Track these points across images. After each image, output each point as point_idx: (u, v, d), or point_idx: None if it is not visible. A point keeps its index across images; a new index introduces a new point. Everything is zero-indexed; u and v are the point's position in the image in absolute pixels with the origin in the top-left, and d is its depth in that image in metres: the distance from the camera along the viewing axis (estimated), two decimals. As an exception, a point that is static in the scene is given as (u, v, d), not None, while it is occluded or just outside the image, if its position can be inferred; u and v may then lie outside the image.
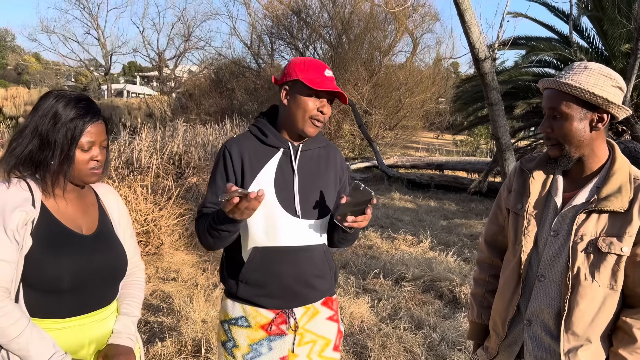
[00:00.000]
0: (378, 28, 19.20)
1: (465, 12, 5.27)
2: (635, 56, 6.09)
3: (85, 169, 1.55)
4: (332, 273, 1.94)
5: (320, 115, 1.79)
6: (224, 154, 1.84)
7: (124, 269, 1.69)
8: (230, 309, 1.88)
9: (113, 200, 1.75)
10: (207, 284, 4.74)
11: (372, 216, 1.83)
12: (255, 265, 1.80)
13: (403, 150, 18.04)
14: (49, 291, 1.50)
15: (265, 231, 1.78)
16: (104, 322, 1.63)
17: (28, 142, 1.51)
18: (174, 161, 8.08)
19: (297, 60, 1.81)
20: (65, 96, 1.54)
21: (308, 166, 1.86)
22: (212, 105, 23.18)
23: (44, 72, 42.73)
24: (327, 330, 1.93)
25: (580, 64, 1.57)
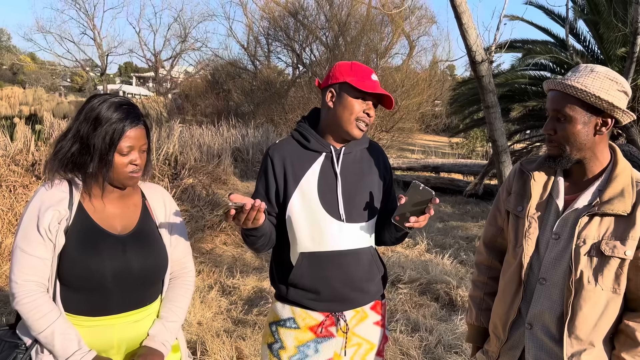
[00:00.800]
0: (375, 30, 19.22)
1: (462, 14, 5.27)
2: (631, 60, 6.10)
3: (123, 172, 1.59)
4: (380, 275, 1.93)
5: (366, 118, 1.81)
6: (266, 161, 1.86)
7: (162, 270, 1.70)
8: (280, 311, 1.89)
9: (160, 200, 1.77)
10: (202, 285, 4.72)
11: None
12: (303, 270, 1.81)
13: (399, 153, 18.05)
14: (80, 289, 1.55)
15: (312, 236, 1.79)
16: (138, 324, 1.64)
17: (70, 145, 1.57)
18: (169, 162, 8.05)
19: (344, 63, 1.83)
20: (107, 100, 1.58)
21: (351, 169, 1.86)
22: (209, 106, 23.14)
23: (39, 72, 42.61)
24: (373, 334, 1.93)
25: (587, 67, 1.56)
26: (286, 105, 18.60)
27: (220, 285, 4.75)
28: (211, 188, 7.86)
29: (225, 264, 5.39)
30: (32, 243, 1.51)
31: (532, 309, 1.61)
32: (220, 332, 3.70)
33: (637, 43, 5.89)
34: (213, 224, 6.38)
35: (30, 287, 1.50)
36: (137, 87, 49.14)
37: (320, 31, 20.93)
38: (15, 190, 5.56)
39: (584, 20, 8.57)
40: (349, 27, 19.21)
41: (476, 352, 1.87)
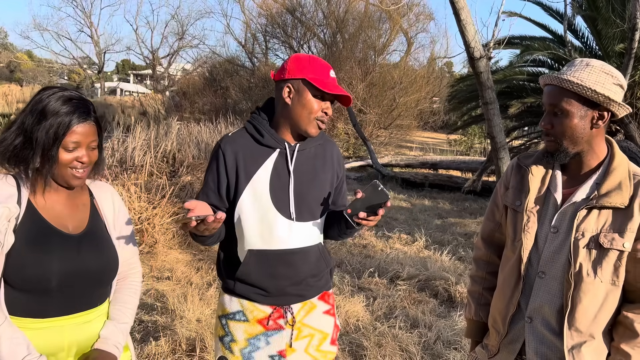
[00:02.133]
0: (373, 27, 19.22)
1: (460, 10, 5.27)
2: (629, 56, 6.11)
3: (67, 170, 1.50)
4: (328, 269, 1.93)
5: (325, 117, 1.78)
6: (218, 154, 1.80)
7: (112, 271, 1.63)
8: (228, 304, 1.87)
9: (108, 200, 1.69)
10: (201, 282, 4.72)
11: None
12: (251, 267, 1.79)
13: (397, 150, 18.06)
14: (29, 290, 1.45)
15: (261, 235, 1.77)
16: (88, 325, 1.57)
17: (14, 137, 1.47)
18: (167, 160, 8.04)
19: (301, 57, 1.77)
20: (56, 93, 1.48)
21: (305, 166, 1.82)
22: (206, 103, 23.13)
23: (36, 70, 42.46)
24: (324, 324, 1.92)
25: (582, 61, 1.56)
26: (284, 103, 18.57)
27: (219, 282, 4.74)
28: (209, 185, 7.84)
29: (224, 261, 5.38)
30: None
31: (531, 303, 1.61)
32: (219, 329, 3.70)
33: (635, 39, 5.90)
34: (211, 221, 6.37)
35: None
36: (134, 84, 49.04)
37: (318, 28, 20.91)
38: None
39: (582, 16, 8.57)
40: (346, 24, 19.20)
41: (475, 347, 1.88)
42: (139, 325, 3.80)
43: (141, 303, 4.20)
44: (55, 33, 37.19)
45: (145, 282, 4.71)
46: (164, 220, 5.68)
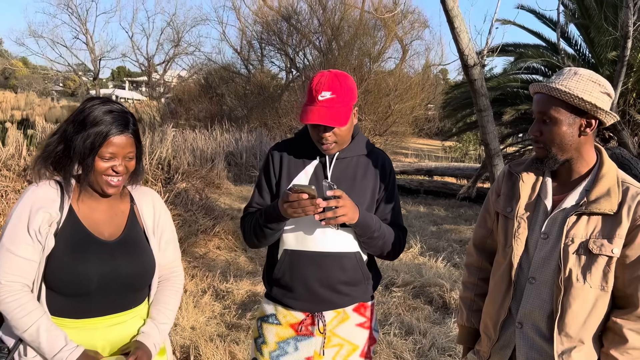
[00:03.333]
0: (368, 34, 19.27)
1: (454, 18, 5.30)
2: (622, 63, 6.16)
3: (102, 177, 1.57)
4: (367, 281, 1.94)
5: (324, 140, 1.81)
6: (268, 156, 1.94)
7: (148, 275, 1.70)
8: (265, 307, 1.96)
9: (149, 205, 1.76)
10: (196, 290, 4.71)
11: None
12: (284, 267, 1.86)
13: (393, 156, 18.07)
14: (66, 293, 1.54)
15: (296, 235, 1.84)
16: (120, 326, 1.63)
17: (56, 144, 1.56)
18: (163, 166, 8.04)
19: (312, 78, 1.83)
20: (99, 105, 1.57)
21: (344, 174, 1.88)
22: (202, 110, 23.12)
23: (31, 77, 42.40)
24: (356, 336, 1.93)
25: (570, 70, 1.59)
26: (280, 110, 18.62)
27: (213, 289, 4.74)
28: (204, 192, 7.85)
29: (219, 268, 5.38)
30: (21, 244, 1.49)
31: (522, 308, 1.62)
32: (213, 337, 3.69)
33: (627, 47, 5.95)
34: (206, 229, 6.36)
35: (15, 288, 1.49)
36: (130, 91, 49.01)
37: (313, 35, 20.98)
38: (7, 195, 5.53)
39: (575, 24, 8.64)
40: (342, 32, 19.27)
41: (467, 353, 1.89)
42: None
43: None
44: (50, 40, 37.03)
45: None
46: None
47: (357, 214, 1.73)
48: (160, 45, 37.86)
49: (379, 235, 1.84)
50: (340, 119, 1.76)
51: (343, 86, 1.79)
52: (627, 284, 1.52)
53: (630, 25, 5.71)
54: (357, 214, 1.74)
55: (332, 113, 1.75)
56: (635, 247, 1.50)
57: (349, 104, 1.81)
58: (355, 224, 1.76)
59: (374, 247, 1.88)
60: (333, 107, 1.76)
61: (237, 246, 6.19)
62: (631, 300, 1.52)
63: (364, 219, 1.77)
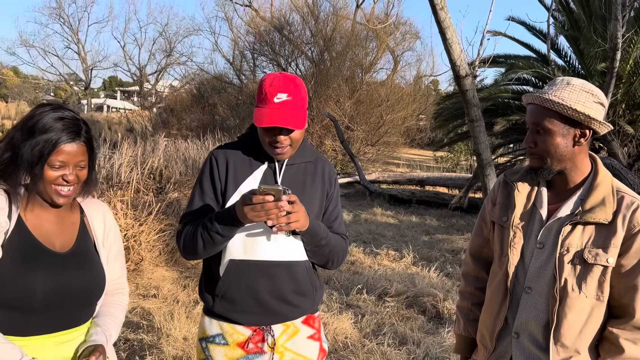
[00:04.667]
0: (360, 45, 19.40)
1: (446, 30, 5.35)
2: (611, 74, 6.23)
3: (51, 187, 1.49)
4: (315, 291, 1.88)
5: (278, 144, 1.72)
6: (211, 160, 1.82)
7: (99, 290, 1.62)
8: (208, 326, 1.84)
9: (100, 218, 1.68)
10: (188, 300, 4.67)
11: (353, 231, 1.80)
12: (231, 279, 1.75)
13: (384, 166, 18.13)
14: (12, 307, 1.44)
15: (244, 244, 1.74)
16: (70, 343, 1.55)
17: (2, 152, 1.47)
18: (154, 176, 7.99)
19: (262, 80, 1.74)
20: (49, 111, 1.48)
21: (293, 181, 1.81)
22: (194, 120, 23.09)
23: (22, 86, 42.13)
24: (308, 349, 1.87)
25: (563, 80, 1.59)
26: (272, 120, 18.59)
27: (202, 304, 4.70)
28: (197, 202, 7.80)
29: (211, 278, 5.34)
30: None
31: (518, 318, 1.62)
32: (206, 347, 3.66)
33: (616, 58, 6.03)
34: (199, 238, 6.32)
35: None
36: (121, 101, 48.87)
37: (305, 46, 21.07)
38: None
39: (564, 36, 8.76)
40: (334, 42, 19.36)
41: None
42: (124, 344, 3.74)
43: (127, 321, 4.14)
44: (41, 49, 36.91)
45: (132, 300, 4.64)
46: (150, 237, 5.63)
47: (307, 221, 1.66)
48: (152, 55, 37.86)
49: (326, 243, 1.78)
50: (299, 122, 1.69)
51: (298, 88, 1.72)
52: (622, 294, 1.52)
53: (619, 37, 5.79)
54: (308, 221, 1.67)
55: (290, 115, 1.68)
56: (631, 256, 1.50)
57: (304, 107, 1.74)
58: (305, 232, 1.68)
59: (320, 256, 1.82)
60: (290, 109, 1.69)
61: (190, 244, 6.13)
62: (627, 310, 1.52)
63: (313, 227, 1.71)
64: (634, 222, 1.51)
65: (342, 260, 1.90)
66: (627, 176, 6.23)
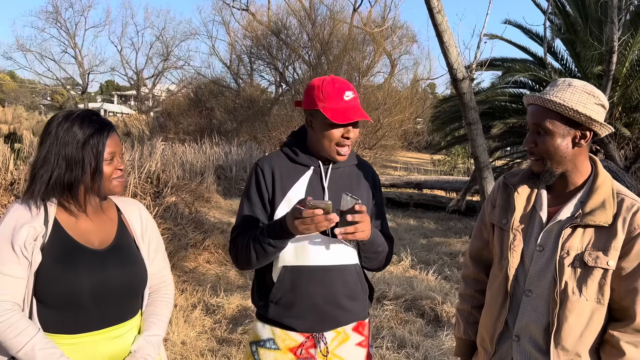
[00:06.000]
0: (357, 49, 19.42)
1: (443, 33, 5.36)
2: (608, 77, 6.25)
3: (112, 180, 1.59)
4: (366, 295, 1.89)
5: (346, 141, 1.76)
6: (257, 171, 1.83)
7: (142, 284, 1.67)
8: (260, 331, 1.85)
9: (136, 214, 1.75)
10: (186, 304, 4.65)
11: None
12: (285, 285, 1.77)
13: (382, 169, 18.14)
14: (61, 306, 1.51)
15: (295, 250, 1.75)
16: (120, 339, 1.60)
17: (54, 167, 1.53)
18: (152, 180, 7.97)
19: (317, 83, 1.76)
20: (76, 116, 1.56)
21: (339, 184, 1.82)
22: (191, 124, 23.08)
23: (19, 91, 42.09)
24: (356, 356, 1.88)
25: (565, 81, 1.59)
26: (269, 123, 18.62)
27: (204, 304, 4.69)
28: (194, 206, 7.80)
29: (209, 282, 5.33)
30: (7, 262, 1.46)
31: (518, 321, 1.61)
32: (204, 352, 3.65)
33: (612, 61, 6.04)
34: (196, 242, 6.32)
35: (4, 307, 1.45)
36: (118, 105, 48.84)
37: (302, 50, 21.10)
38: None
39: (561, 39, 8.77)
40: (331, 46, 19.40)
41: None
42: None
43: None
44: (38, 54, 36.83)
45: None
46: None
47: (370, 230, 1.68)
48: (149, 60, 37.79)
49: (382, 249, 1.81)
50: (367, 115, 1.76)
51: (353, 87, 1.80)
52: (623, 297, 1.52)
53: (615, 40, 5.81)
54: (370, 229, 1.68)
55: (361, 110, 1.74)
56: (631, 259, 1.50)
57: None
58: (367, 240, 1.70)
59: (375, 261, 1.84)
60: (359, 105, 1.76)
61: (227, 260, 6.14)
62: (628, 313, 1.52)
63: (373, 235, 1.72)
64: (634, 224, 1.50)
65: (389, 261, 1.93)
66: (625, 178, 6.25)
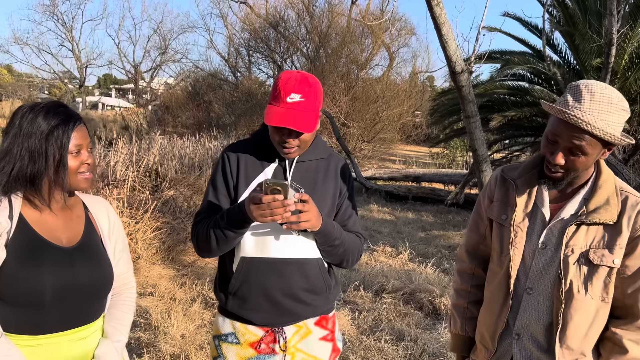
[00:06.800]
0: (355, 42, 19.38)
1: (442, 26, 5.34)
2: (606, 70, 6.24)
3: (77, 175, 1.52)
4: (329, 290, 1.86)
5: (287, 144, 1.70)
6: (223, 158, 1.82)
7: (108, 284, 1.61)
8: (221, 325, 1.85)
9: (104, 213, 1.69)
10: (185, 298, 4.66)
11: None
12: (243, 277, 1.75)
13: (381, 163, 18.14)
14: (22, 305, 1.43)
15: (255, 242, 1.73)
16: (84, 342, 1.55)
17: (16, 159, 1.46)
18: (150, 174, 7.96)
19: (278, 77, 1.72)
20: (41, 107, 1.49)
21: (304, 178, 1.79)
22: (189, 117, 23.04)
23: (16, 84, 41.89)
24: (320, 350, 1.86)
25: (604, 96, 1.44)
26: (267, 117, 18.57)
27: (202, 297, 4.69)
28: (192, 200, 7.78)
29: (208, 276, 5.34)
30: None
31: (519, 319, 1.59)
32: (203, 345, 3.66)
33: (611, 54, 6.04)
34: (195, 236, 6.31)
35: None
36: (116, 98, 48.71)
37: (301, 42, 21.04)
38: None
39: (560, 31, 8.75)
40: (329, 39, 19.34)
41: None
42: (121, 342, 3.73)
43: (123, 320, 4.13)
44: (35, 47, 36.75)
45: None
46: (146, 235, 5.62)
47: (320, 221, 1.64)
48: (147, 53, 37.71)
49: (340, 243, 1.76)
50: (308, 125, 1.65)
51: (313, 90, 1.68)
52: (627, 295, 1.50)
53: (614, 32, 5.80)
54: (320, 221, 1.65)
55: (301, 117, 1.64)
56: (636, 257, 1.48)
57: (317, 109, 1.71)
58: (317, 232, 1.66)
59: (334, 256, 1.80)
60: (302, 111, 1.65)
61: (204, 240, 6.13)
62: (631, 311, 1.50)
63: (326, 227, 1.68)
64: (639, 222, 1.48)
65: (357, 259, 1.88)
66: (623, 171, 6.26)
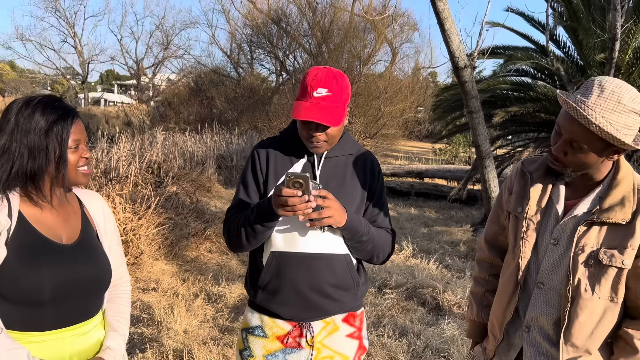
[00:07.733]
0: (358, 37, 19.33)
1: (445, 21, 5.33)
2: (610, 65, 6.21)
3: (77, 169, 1.52)
4: (357, 287, 1.86)
5: (314, 139, 1.72)
6: (253, 154, 1.84)
7: (107, 280, 1.62)
8: (249, 318, 1.87)
9: (98, 208, 1.68)
10: (187, 293, 4.67)
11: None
12: (272, 271, 1.77)
13: (383, 159, 18.12)
14: (27, 303, 1.44)
15: (284, 236, 1.74)
16: (86, 336, 1.56)
17: (16, 156, 1.44)
18: (152, 170, 7.97)
19: (306, 73, 1.74)
20: (36, 102, 1.47)
21: (332, 174, 1.80)
22: (192, 113, 23.07)
23: (19, 81, 41.97)
24: (346, 347, 1.87)
25: (614, 93, 1.40)
26: (270, 112, 18.60)
27: (205, 293, 4.71)
28: (195, 195, 7.80)
29: (211, 271, 5.35)
30: None
31: (529, 312, 1.59)
32: (206, 340, 3.66)
33: (615, 49, 6.00)
34: (197, 232, 6.33)
35: None
36: (118, 95, 48.71)
37: (303, 38, 21.00)
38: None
39: (563, 27, 8.70)
40: (332, 34, 19.31)
41: (474, 347, 1.87)
42: (124, 337, 3.75)
43: (127, 315, 4.14)
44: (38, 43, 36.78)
45: (131, 294, 4.65)
46: (149, 231, 5.62)
47: (344, 216, 1.64)
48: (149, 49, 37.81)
49: (368, 239, 1.76)
50: (334, 119, 1.67)
51: (339, 84, 1.70)
52: (639, 295, 1.48)
53: (618, 27, 5.76)
54: (345, 216, 1.65)
55: (327, 111, 1.66)
56: None
57: (344, 103, 1.73)
58: (342, 227, 1.67)
59: (363, 252, 1.80)
60: (328, 105, 1.68)
61: (228, 249, 6.16)
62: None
63: (352, 223, 1.68)
64: None
65: (388, 255, 1.88)
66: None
